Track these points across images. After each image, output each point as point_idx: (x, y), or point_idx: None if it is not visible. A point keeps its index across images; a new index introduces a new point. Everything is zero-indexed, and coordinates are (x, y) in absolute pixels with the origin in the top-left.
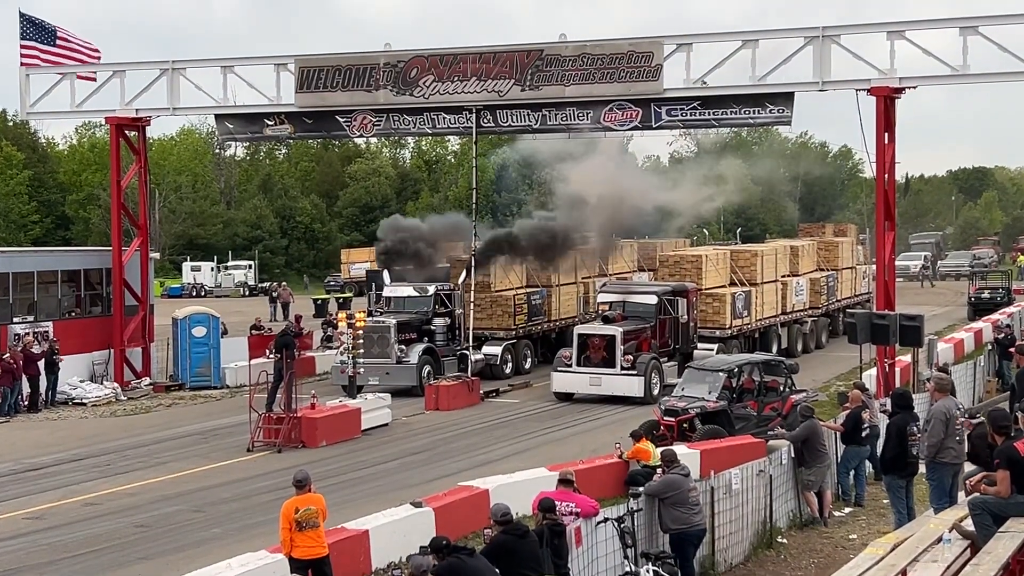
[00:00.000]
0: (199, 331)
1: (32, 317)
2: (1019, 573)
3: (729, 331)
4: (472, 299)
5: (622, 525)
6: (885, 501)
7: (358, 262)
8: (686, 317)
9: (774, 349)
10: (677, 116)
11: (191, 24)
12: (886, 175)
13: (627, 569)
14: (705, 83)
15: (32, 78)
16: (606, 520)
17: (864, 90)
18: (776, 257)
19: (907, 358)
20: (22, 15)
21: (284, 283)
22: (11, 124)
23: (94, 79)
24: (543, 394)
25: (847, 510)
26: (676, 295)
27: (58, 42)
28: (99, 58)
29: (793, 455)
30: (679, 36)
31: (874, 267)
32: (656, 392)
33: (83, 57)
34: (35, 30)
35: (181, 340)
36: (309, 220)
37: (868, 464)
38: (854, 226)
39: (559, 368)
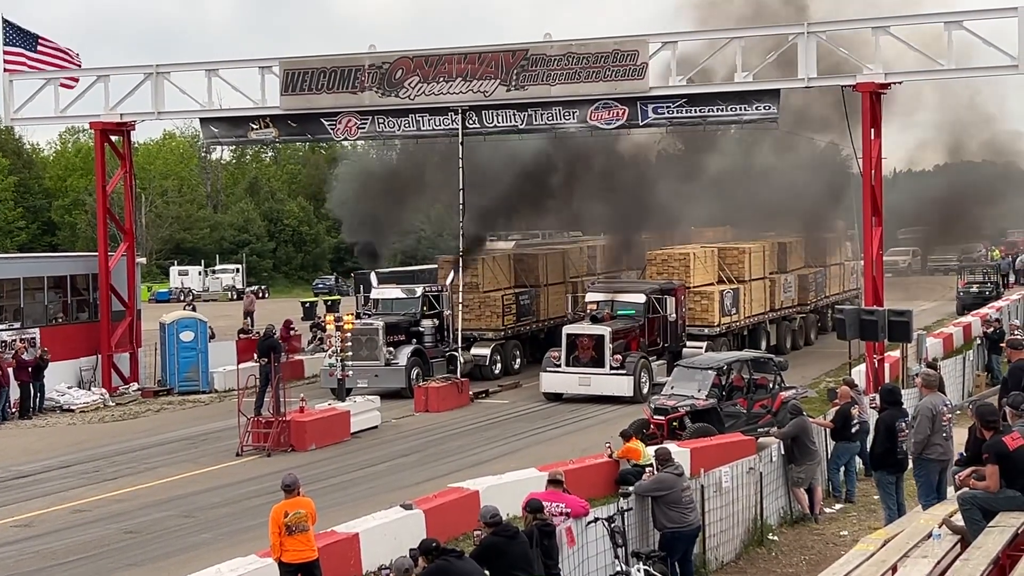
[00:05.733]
0: (187, 336)
1: (19, 324)
2: (1009, 568)
3: (718, 329)
4: (460, 300)
5: (612, 525)
6: (876, 497)
7: None
8: (674, 315)
9: (763, 346)
10: (663, 114)
11: (180, 27)
12: (872, 170)
13: (618, 569)
14: (691, 81)
15: (15, 84)
16: (596, 520)
17: (850, 86)
18: (764, 254)
19: (896, 353)
20: (4, 21)
21: (250, 288)
22: None
23: (73, 85)
24: (533, 394)
25: (838, 506)
26: (664, 294)
27: (39, 48)
28: (79, 65)
29: (783, 452)
30: (664, 34)
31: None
32: (645, 391)
33: (65, 63)
34: (18, 36)
35: (169, 345)
36: (296, 223)
37: (858, 460)
38: (842, 221)
39: (548, 368)
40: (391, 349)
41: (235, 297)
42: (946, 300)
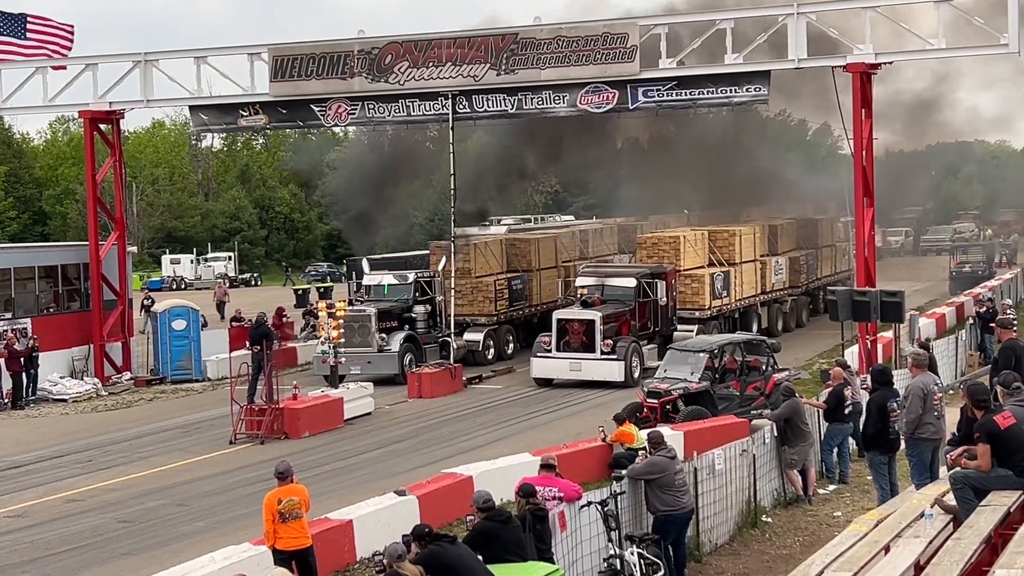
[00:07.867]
0: (179, 324)
1: (10, 314)
2: (1000, 546)
3: (709, 312)
4: (453, 285)
5: (605, 508)
6: (869, 478)
7: None
8: (665, 299)
9: (754, 329)
10: (654, 97)
11: (170, 20)
12: (864, 151)
13: (611, 552)
14: (682, 63)
15: (3, 73)
16: (589, 504)
17: (840, 67)
18: (755, 237)
19: (889, 334)
20: None
21: (222, 278)
22: None
23: (65, 68)
24: (526, 379)
25: (831, 487)
26: (655, 277)
27: (28, 34)
28: (72, 37)
29: (776, 434)
30: (654, 16)
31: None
32: (636, 376)
33: (57, 43)
34: (5, 23)
35: (161, 334)
36: (288, 210)
37: (851, 441)
38: (834, 203)
39: (538, 354)
40: (384, 335)
41: (229, 286)
42: (938, 280)
